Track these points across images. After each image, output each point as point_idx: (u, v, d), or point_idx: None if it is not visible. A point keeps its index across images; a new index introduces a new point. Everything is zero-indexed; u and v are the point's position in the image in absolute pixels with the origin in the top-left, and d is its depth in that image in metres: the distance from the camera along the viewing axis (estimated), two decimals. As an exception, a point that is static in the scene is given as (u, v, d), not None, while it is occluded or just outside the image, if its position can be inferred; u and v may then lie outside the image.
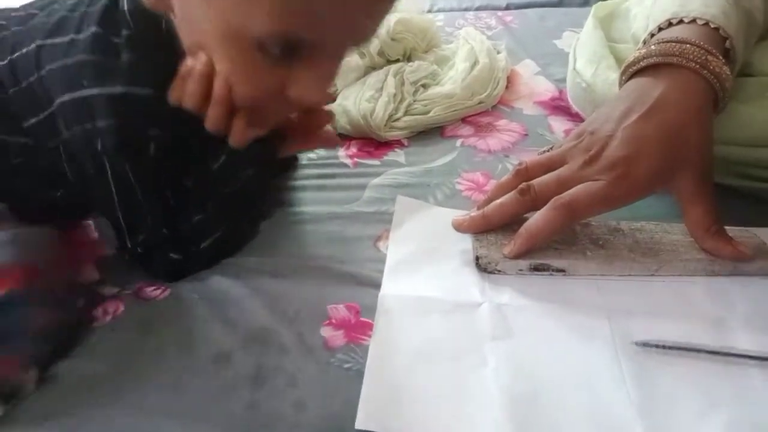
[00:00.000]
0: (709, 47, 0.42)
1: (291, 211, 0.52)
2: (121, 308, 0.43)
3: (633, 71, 0.45)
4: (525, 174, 0.45)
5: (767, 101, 0.47)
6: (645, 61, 0.44)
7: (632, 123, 0.42)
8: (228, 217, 0.46)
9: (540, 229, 0.42)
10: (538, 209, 0.42)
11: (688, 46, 0.42)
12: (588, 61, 0.59)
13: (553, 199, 0.41)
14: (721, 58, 0.42)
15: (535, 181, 0.43)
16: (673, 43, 0.43)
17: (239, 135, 0.40)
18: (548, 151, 0.47)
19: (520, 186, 0.43)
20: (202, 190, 0.46)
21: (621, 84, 0.46)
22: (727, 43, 0.44)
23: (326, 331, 0.40)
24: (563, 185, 0.42)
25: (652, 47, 0.44)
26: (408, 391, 0.34)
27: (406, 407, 0.33)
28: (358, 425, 0.32)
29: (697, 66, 0.41)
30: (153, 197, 0.43)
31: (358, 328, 0.40)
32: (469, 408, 0.33)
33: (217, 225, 0.45)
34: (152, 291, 0.44)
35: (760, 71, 0.48)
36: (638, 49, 0.45)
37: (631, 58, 0.45)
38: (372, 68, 0.71)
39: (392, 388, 0.35)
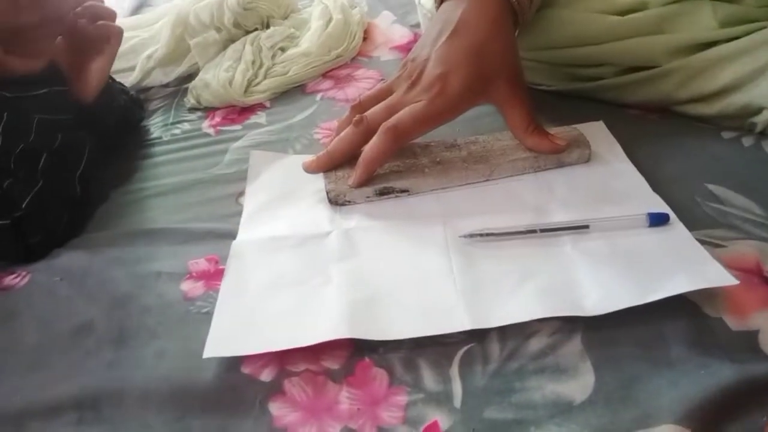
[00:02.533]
0: None
1: (150, 185, 0.52)
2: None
3: None
4: (359, 108, 0.47)
5: (581, 4, 0.51)
6: (447, -15, 0.47)
7: (442, 44, 0.45)
8: (41, 174, 0.46)
9: (373, 154, 0.44)
10: None
11: None
12: (427, -8, 0.62)
13: (381, 125, 0.44)
14: None
15: (368, 113, 0.46)
16: None
17: None
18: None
19: (354, 118, 0.46)
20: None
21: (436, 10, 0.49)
22: None
23: (186, 285, 0.41)
24: (391, 111, 0.45)
25: None
26: (254, 317, 0.36)
27: (251, 330, 0.35)
28: (205, 354, 0.34)
29: None
30: None
31: (217, 275, 0.42)
32: (311, 318, 0.36)
33: (29, 183, 0.46)
34: (12, 280, 0.44)
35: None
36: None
37: (438, -15, 0.48)
38: (231, 41, 0.71)
39: (239, 317, 0.37)
